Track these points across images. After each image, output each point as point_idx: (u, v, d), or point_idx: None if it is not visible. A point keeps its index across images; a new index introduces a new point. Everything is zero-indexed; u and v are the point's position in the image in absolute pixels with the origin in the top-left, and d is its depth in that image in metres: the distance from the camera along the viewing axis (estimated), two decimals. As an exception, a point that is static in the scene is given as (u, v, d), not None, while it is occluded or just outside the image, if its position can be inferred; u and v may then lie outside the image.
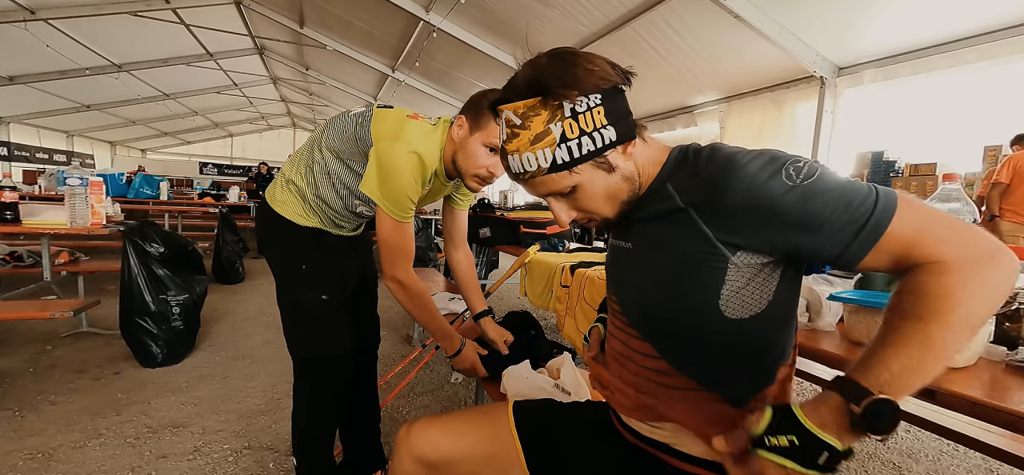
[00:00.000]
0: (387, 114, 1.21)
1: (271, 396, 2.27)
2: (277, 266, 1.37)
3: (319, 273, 1.33)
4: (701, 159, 0.67)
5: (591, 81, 0.65)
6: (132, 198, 6.38)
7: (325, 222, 1.33)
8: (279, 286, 1.38)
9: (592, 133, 0.65)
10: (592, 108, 0.65)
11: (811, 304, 1.02)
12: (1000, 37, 3.00)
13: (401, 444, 0.90)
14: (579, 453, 0.83)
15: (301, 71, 10.24)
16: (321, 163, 1.26)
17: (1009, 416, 0.65)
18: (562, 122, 0.64)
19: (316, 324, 1.35)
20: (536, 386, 1.25)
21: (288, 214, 1.30)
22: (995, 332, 0.86)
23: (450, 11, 5.12)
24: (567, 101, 0.64)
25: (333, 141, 1.24)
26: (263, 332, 3.24)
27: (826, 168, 0.59)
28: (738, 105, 4.85)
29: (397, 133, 1.15)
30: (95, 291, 3.77)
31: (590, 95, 0.65)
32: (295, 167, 1.32)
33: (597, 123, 0.65)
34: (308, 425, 1.41)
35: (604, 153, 0.66)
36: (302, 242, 1.31)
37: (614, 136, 0.66)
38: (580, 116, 0.64)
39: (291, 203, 1.30)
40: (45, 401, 2.10)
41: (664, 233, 0.68)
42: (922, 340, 0.51)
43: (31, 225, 2.69)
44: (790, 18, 3.50)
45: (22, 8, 6.17)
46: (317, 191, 1.28)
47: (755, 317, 0.65)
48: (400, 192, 1.13)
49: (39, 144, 12.60)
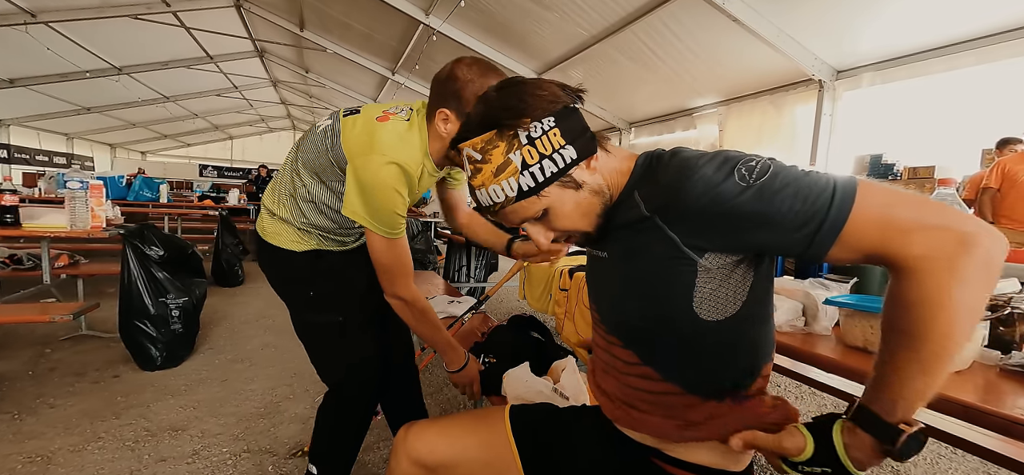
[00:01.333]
0: (354, 122, 1.10)
1: (270, 399, 2.27)
2: (284, 294, 1.33)
3: (328, 295, 1.27)
4: (661, 165, 0.68)
5: (541, 105, 0.66)
6: (132, 201, 6.39)
7: (323, 242, 1.27)
8: (292, 314, 1.34)
9: (552, 155, 0.66)
10: (547, 131, 0.66)
11: (807, 308, 1.02)
12: (996, 41, 3.02)
13: (399, 447, 0.91)
14: (575, 458, 0.83)
15: (301, 74, 10.26)
16: (302, 190, 1.18)
17: (1003, 421, 0.66)
18: (520, 150, 0.66)
19: (338, 347, 1.29)
20: (535, 390, 1.26)
21: (283, 243, 1.24)
22: (989, 336, 0.86)
23: (450, 14, 5.13)
24: (521, 129, 0.66)
25: (309, 162, 1.16)
26: (262, 335, 3.24)
27: (782, 164, 0.58)
28: (737, 108, 4.86)
29: (369, 144, 1.05)
30: (95, 294, 3.78)
31: (543, 119, 0.66)
32: (277, 198, 1.25)
33: (555, 145, 0.66)
34: (335, 443, 1.34)
35: (568, 172, 0.67)
36: (304, 268, 1.25)
37: (574, 154, 0.67)
38: (536, 141, 0.66)
39: (284, 232, 1.24)
40: (44, 404, 2.10)
41: (635, 241, 0.68)
42: (921, 366, 0.52)
43: (31, 228, 2.69)
44: (788, 21, 3.51)
45: (23, 11, 6.19)
46: (305, 218, 1.21)
47: (732, 317, 0.66)
48: (385, 209, 1.05)
49: (39, 146, 12.62)
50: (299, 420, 2.07)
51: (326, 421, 1.35)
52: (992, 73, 3.30)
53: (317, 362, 1.34)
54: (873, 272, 1.10)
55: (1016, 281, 0.88)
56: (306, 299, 1.28)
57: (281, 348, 2.98)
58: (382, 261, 1.12)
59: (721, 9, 3.39)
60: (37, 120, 11.70)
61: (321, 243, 1.26)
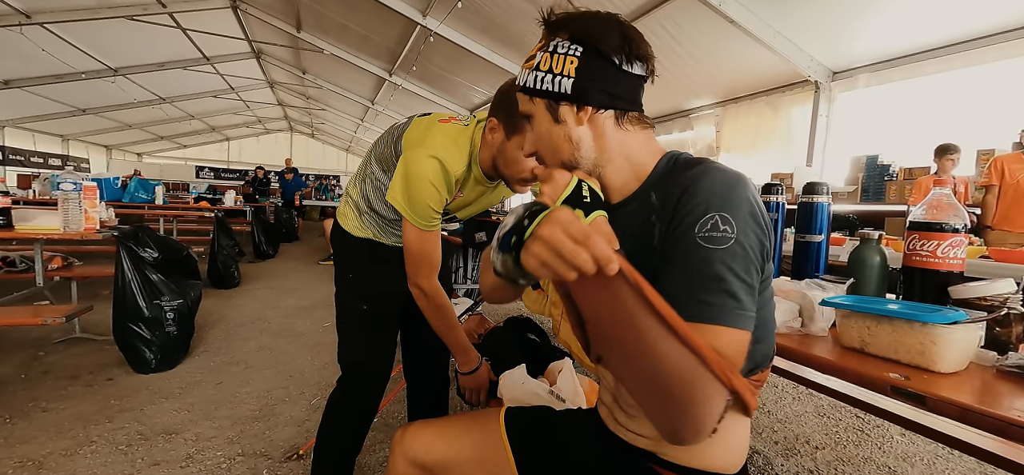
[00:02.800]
0: (421, 120, 1.20)
1: (265, 402, 2.25)
2: (336, 271, 1.42)
3: (363, 282, 1.36)
4: (677, 170, 0.65)
5: (583, 32, 0.65)
6: (127, 202, 6.36)
7: (378, 233, 1.34)
8: (336, 290, 1.42)
9: (555, 76, 0.65)
10: (565, 54, 0.65)
11: (804, 309, 1.02)
12: (991, 42, 3.04)
13: (396, 447, 0.92)
14: (570, 462, 0.83)
15: (298, 75, 10.24)
16: (371, 176, 1.28)
17: (999, 422, 0.65)
18: (542, 52, 0.66)
19: (354, 333, 1.37)
20: (531, 392, 1.25)
21: (346, 226, 1.35)
22: (986, 337, 0.86)
23: (447, 15, 5.13)
24: (556, 38, 0.66)
25: (380, 151, 1.26)
26: (258, 337, 3.22)
27: (736, 251, 0.55)
28: (734, 109, 4.88)
29: (421, 139, 1.13)
30: (89, 296, 3.75)
31: (572, 43, 0.65)
32: (353, 181, 1.37)
33: (561, 70, 0.65)
34: (334, 432, 1.40)
35: (554, 101, 0.66)
36: (353, 251, 1.35)
37: (568, 91, 0.65)
38: (554, 55, 0.65)
39: (349, 215, 1.35)
40: (36, 408, 2.08)
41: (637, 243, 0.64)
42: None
43: (24, 230, 2.67)
44: (785, 23, 3.53)
45: (18, 12, 6.15)
46: (370, 203, 1.30)
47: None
48: (420, 201, 1.11)
49: (34, 148, 12.54)
50: (294, 423, 2.06)
51: (329, 409, 1.41)
52: (985, 74, 3.32)
53: (339, 338, 1.41)
54: (870, 274, 1.10)
55: (1012, 282, 0.87)
56: (347, 280, 1.38)
57: (277, 350, 2.97)
58: (412, 250, 1.18)
59: (718, 11, 3.40)
60: (32, 122, 11.63)
61: (377, 234, 1.33)
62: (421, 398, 1.58)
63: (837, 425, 2.29)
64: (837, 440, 2.16)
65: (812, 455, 2.03)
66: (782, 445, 2.10)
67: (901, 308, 0.83)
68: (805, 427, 2.27)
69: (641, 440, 0.73)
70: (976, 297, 0.88)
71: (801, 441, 2.14)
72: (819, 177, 3.65)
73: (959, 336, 0.75)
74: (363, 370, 1.37)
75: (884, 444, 2.13)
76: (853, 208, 4.40)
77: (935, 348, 0.75)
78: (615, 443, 0.77)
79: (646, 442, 0.73)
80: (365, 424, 1.43)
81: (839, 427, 2.27)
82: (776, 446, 2.09)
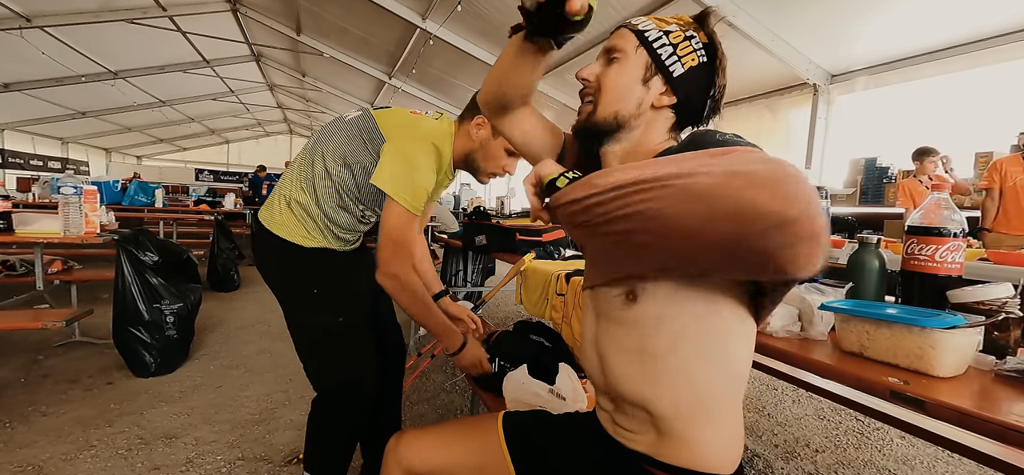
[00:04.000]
0: (391, 112, 1.23)
1: (266, 406, 2.25)
2: (285, 293, 1.29)
3: (332, 294, 1.26)
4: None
5: (714, 50, 0.72)
6: (127, 205, 6.34)
7: (332, 240, 1.26)
8: (289, 314, 1.29)
9: (676, 54, 0.70)
10: (695, 51, 0.71)
11: (803, 313, 1.02)
12: (988, 45, 3.05)
13: (390, 455, 0.90)
14: (568, 465, 0.83)
15: (298, 78, 10.25)
16: (324, 176, 1.20)
17: (998, 427, 0.65)
18: (680, 29, 0.72)
19: (337, 350, 1.27)
20: (531, 392, 1.25)
21: (291, 236, 1.21)
22: (984, 341, 0.86)
23: (446, 19, 5.14)
24: (694, 32, 0.72)
25: (338, 147, 1.19)
26: (258, 340, 3.22)
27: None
28: (733, 112, 4.89)
29: (413, 126, 1.19)
30: (88, 300, 3.75)
31: (704, 49, 0.72)
32: (296, 184, 1.23)
33: (684, 59, 0.70)
34: (328, 449, 1.32)
35: (656, 68, 0.71)
36: (310, 264, 1.24)
37: (677, 72, 0.71)
38: (687, 42, 0.71)
39: (293, 224, 1.22)
40: (36, 412, 2.08)
41: None
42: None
43: (24, 234, 2.66)
44: (784, 26, 3.54)
45: (18, 16, 6.16)
46: (322, 207, 1.21)
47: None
48: (419, 182, 1.14)
49: (33, 151, 12.54)
50: (295, 427, 2.06)
51: (316, 429, 1.32)
52: (983, 77, 3.33)
53: (311, 364, 1.30)
54: (869, 277, 1.10)
55: (1010, 286, 0.88)
56: (311, 298, 1.25)
57: (277, 354, 2.97)
58: (394, 235, 1.15)
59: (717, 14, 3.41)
60: (32, 125, 11.63)
61: (331, 242, 1.27)
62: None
63: (837, 428, 2.29)
64: (837, 443, 2.16)
65: (812, 458, 2.03)
66: (782, 448, 2.10)
67: (900, 313, 0.83)
68: (805, 430, 2.27)
69: (638, 442, 0.74)
70: (974, 301, 0.88)
71: (801, 444, 2.14)
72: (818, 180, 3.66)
73: (957, 341, 0.75)
74: (359, 385, 1.29)
75: (884, 447, 2.13)
76: (852, 210, 4.41)
77: (933, 352, 0.75)
78: (612, 447, 0.77)
79: (642, 444, 0.73)
80: (356, 435, 1.38)
81: (839, 430, 2.28)
82: (776, 449, 2.09)
